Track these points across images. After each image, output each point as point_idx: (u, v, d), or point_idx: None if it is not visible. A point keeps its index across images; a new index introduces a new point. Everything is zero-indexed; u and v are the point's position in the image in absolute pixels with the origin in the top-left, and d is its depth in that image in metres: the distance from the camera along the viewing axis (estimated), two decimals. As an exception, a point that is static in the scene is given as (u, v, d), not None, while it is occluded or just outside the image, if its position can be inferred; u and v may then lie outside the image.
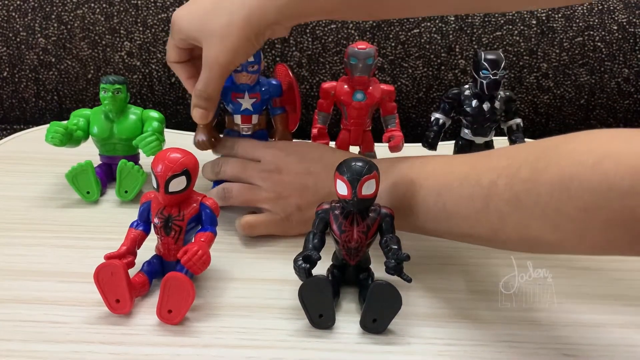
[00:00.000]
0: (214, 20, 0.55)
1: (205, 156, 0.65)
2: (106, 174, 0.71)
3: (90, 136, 0.71)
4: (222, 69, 0.57)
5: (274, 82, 0.68)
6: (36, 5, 0.96)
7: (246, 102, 0.66)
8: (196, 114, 0.61)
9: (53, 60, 0.98)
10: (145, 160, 0.67)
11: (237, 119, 0.68)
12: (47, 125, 0.68)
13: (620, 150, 0.38)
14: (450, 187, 0.50)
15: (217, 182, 0.67)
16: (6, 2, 0.96)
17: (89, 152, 0.71)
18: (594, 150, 0.39)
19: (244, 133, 0.68)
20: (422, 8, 0.63)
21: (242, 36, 0.55)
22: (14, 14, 0.96)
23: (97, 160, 0.72)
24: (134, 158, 0.72)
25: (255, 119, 0.68)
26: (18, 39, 0.97)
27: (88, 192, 0.68)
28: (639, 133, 0.39)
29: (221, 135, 0.70)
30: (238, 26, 0.54)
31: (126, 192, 0.68)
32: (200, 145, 0.68)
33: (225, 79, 0.59)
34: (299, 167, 0.61)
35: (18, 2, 0.96)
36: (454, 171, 0.50)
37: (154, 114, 0.71)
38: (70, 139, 0.68)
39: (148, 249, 0.53)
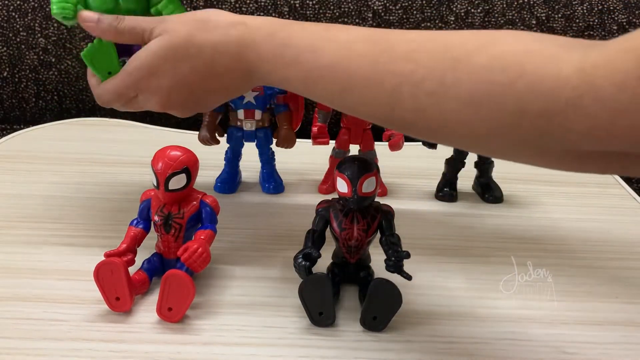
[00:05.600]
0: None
1: (206, 154, 0.65)
2: None
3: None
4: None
5: None
6: (36, 5, 0.96)
7: (249, 95, 0.66)
8: None
9: (53, 60, 0.98)
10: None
11: (240, 114, 0.68)
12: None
13: (534, 72, 0.36)
14: (352, 89, 0.45)
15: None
16: (6, 2, 0.96)
17: (90, 159, 0.71)
18: (507, 68, 0.37)
19: (247, 129, 0.69)
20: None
21: None
22: (14, 14, 0.96)
23: None
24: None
25: (258, 114, 0.68)
26: (18, 39, 0.97)
27: (110, 73, 0.56)
28: (558, 47, 0.37)
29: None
30: None
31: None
32: (204, 141, 0.68)
33: None
34: None
35: (18, 2, 0.96)
36: (353, 70, 0.44)
37: None
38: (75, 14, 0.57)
39: (148, 247, 0.54)
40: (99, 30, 0.52)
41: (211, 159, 0.69)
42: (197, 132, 0.70)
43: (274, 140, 0.71)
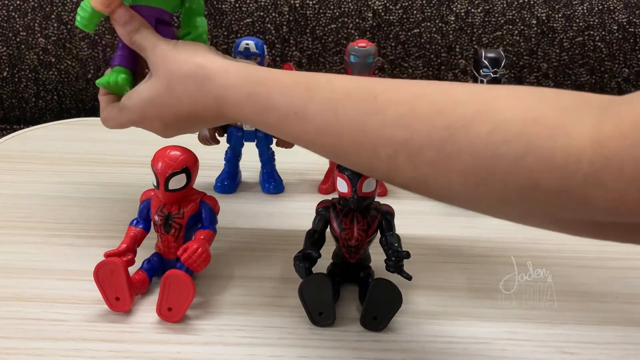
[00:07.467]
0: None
1: (206, 154, 0.65)
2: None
3: None
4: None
5: None
6: (36, 5, 0.96)
7: None
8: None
9: (53, 60, 0.98)
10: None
11: None
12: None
13: (543, 145, 0.33)
14: (345, 154, 0.43)
15: None
16: (6, 2, 0.96)
17: (90, 159, 0.71)
18: (512, 141, 0.34)
19: (247, 129, 0.69)
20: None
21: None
22: (14, 14, 0.96)
23: None
24: (167, 16, 0.54)
25: None
26: (18, 39, 0.97)
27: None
28: (564, 112, 0.34)
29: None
30: None
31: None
32: (204, 141, 0.68)
33: None
34: None
35: (18, 2, 0.96)
36: (342, 136, 0.42)
37: None
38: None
39: (148, 247, 0.53)
40: (119, 31, 0.52)
41: (211, 159, 0.69)
42: (197, 132, 0.70)
43: (274, 140, 0.71)
